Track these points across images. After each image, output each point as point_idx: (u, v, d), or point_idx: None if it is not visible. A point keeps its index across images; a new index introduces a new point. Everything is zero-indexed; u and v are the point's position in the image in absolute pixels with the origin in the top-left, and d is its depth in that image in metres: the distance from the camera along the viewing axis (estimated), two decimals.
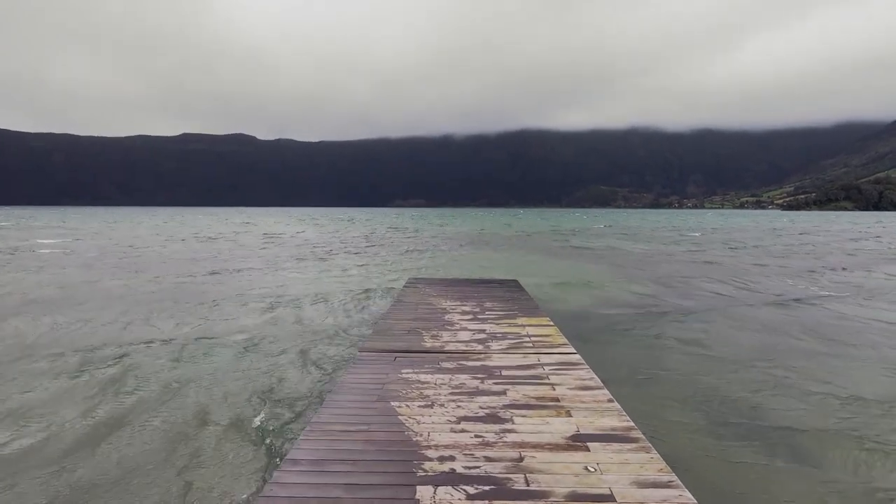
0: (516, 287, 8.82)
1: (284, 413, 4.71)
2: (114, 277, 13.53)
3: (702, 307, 9.97)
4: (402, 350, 4.70)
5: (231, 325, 8.26)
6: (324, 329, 8.03)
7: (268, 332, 7.83)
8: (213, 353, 6.72)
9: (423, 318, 6.16)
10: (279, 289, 11.84)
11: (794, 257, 20.20)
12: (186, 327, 8.10)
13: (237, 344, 7.15)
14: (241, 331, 7.89)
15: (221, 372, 5.90)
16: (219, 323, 8.45)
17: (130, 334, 7.65)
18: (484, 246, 25.54)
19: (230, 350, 6.87)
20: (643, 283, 12.97)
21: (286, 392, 5.26)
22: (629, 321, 8.69)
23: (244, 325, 8.29)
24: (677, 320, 8.79)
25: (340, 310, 9.55)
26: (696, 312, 9.43)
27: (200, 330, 7.94)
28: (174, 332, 7.82)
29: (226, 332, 7.78)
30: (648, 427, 4.12)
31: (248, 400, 5.02)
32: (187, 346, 6.97)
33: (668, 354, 6.77)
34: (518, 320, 6.03)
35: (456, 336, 5.26)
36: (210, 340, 7.33)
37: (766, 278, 14.16)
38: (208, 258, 18.57)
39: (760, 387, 5.51)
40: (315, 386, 5.45)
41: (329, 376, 5.75)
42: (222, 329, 8.01)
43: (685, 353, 6.86)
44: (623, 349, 6.99)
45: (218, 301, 10.32)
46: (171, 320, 8.58)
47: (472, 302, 7.24)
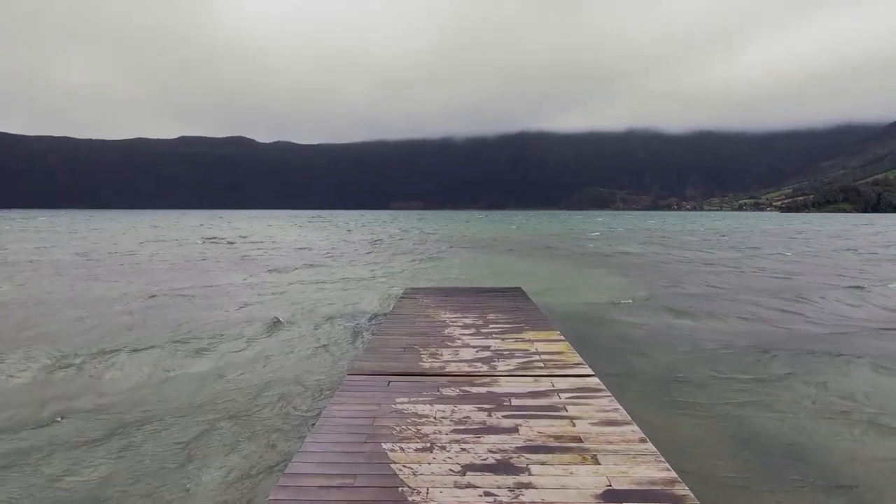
0: (521, 295, 8.28)
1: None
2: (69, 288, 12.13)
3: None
4: (397, 373, 4.16)
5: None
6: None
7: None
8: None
9: (421, 332, 5.62)
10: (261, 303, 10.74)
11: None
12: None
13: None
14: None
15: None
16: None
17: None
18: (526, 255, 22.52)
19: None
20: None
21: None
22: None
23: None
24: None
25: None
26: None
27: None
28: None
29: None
30: (697, 480, 3.34)
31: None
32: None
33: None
34: (525, 334, 5.49)
35: (458, 354, 4.71)
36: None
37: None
38: (188, 268, 16.43)
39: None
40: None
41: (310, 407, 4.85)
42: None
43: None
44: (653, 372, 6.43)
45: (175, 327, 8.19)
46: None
47: (473, 313, 6.70)
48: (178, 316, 9.03)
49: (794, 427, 4.48)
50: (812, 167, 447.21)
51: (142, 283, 13.09)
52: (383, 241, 31.26)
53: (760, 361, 6.45)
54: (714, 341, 7.49)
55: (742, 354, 6.79)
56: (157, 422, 4.57)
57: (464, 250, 24.68)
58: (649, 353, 6.78)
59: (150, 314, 9.26)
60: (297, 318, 8.98)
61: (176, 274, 14.99)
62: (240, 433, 4.31)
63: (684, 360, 6.51)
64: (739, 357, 6.67)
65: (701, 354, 6.81)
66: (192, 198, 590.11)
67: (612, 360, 6.38)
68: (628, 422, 3.18)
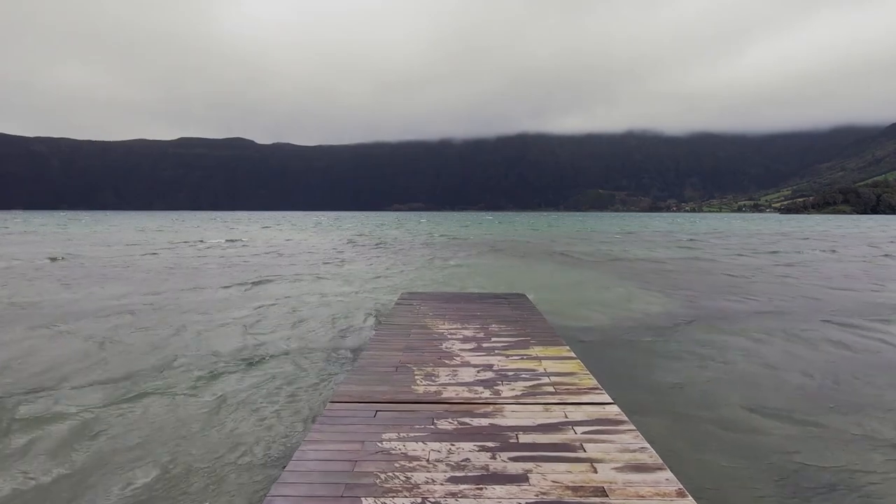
0: (525, 303, 7.75)
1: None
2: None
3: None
4: (387, 399, 3.62)
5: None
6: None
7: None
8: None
9: (416, 347, 5.09)
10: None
11: None
12: None
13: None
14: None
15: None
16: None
17: None
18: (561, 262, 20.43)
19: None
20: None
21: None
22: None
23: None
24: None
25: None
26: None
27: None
28: None
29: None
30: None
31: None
32: None
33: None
34: (532, 350, 4.96)
35: (456, 375, 4.18)
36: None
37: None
38: (165, 276, 14.64)
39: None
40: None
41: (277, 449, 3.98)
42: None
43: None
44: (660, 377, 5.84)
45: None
46: None
47: (474, 324, 6.16)
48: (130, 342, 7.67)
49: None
50: (811, 169, 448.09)
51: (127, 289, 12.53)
52: (402, 243, 30.51)
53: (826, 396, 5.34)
54: (764, 364, 6.49)
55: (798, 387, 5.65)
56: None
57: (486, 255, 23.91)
58: (676, 377, 6.00)
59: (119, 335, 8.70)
60: (283, 330, 8.44)
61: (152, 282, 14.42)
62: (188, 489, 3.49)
63: (720, 386, 5.68)
64: (789, 388, 5.62)
65: (747, 384, 5.75)
66: (192, 199, 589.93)
67: (633, 383, 5.69)
68: (660, 467, 2.65)
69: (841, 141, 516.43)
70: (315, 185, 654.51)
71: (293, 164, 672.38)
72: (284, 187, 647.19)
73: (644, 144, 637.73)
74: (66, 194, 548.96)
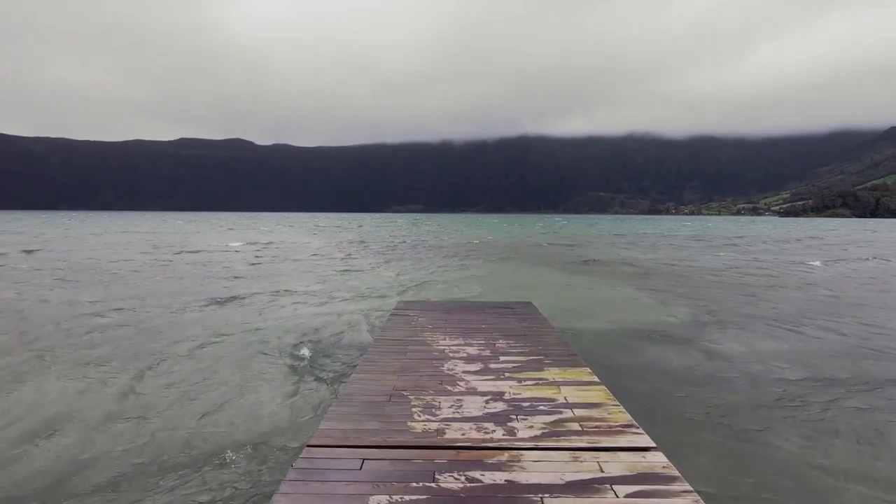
0: (532, 313, 7.07)
1: None
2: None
3: None
4: (377, 444, 2.94)
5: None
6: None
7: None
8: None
9: (413, 368, 4.41)
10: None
11: None
12: None
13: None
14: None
15: None
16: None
17: None
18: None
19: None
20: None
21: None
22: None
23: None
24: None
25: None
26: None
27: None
28: None
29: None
30: None
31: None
32: None
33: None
34: (547, 372, 4.28)
35: (461, 407, 3.50)
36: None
37: None
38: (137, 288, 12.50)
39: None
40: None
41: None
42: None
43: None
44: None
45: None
46: None
47: (479, 339, 5.49)
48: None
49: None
50: (810, 172, 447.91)
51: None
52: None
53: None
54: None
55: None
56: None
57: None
58: (731, 410, 5.03)
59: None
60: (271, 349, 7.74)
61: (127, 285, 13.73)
62: None
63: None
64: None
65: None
66: (191, 200, 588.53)
67: (682, 423, 4.73)
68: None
69: (840, 145, 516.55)
70: (314, 187, 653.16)
71: (292, 165, 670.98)
72: (284, 188, 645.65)
73: (644, 147, 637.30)
74: (65, 194, 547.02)
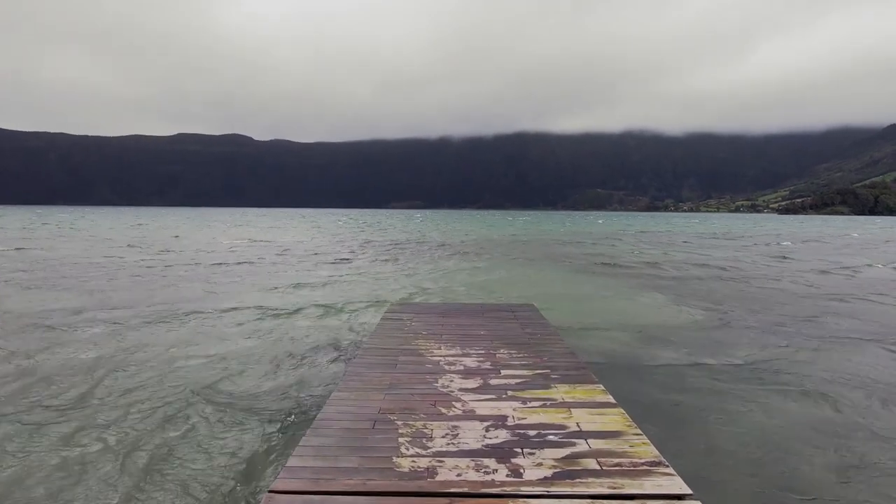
0: (535, 317, 6.54)
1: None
2: None
3: None
4: (356, 490, 2.42)
5: None
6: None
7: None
8: None
9: (403, 384, 3.89)
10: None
11: None
12: None
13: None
14: None
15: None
16: None
17: None
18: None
19: None
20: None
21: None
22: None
23: None
24: None
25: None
26: None
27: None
28: None
29: None
30: None
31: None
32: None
33: None
34: (555, 390, 3.77)
35: (457, 437, 2.98)
36: None
37: None
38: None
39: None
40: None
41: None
42: None
43: None
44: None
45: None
46: None
47: (478, 348, 4.97)
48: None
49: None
50: (808, 170, 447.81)
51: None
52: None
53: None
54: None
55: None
56: None
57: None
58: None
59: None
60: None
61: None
62: None
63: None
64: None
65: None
66: (189, 196, 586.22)
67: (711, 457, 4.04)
68: None
69: (838, 142, 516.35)
70: (313, 183, 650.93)
71: (291, 162, 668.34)
72: (282, 184, 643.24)
73: (643, 145, 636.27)
74: (62, 190, 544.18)
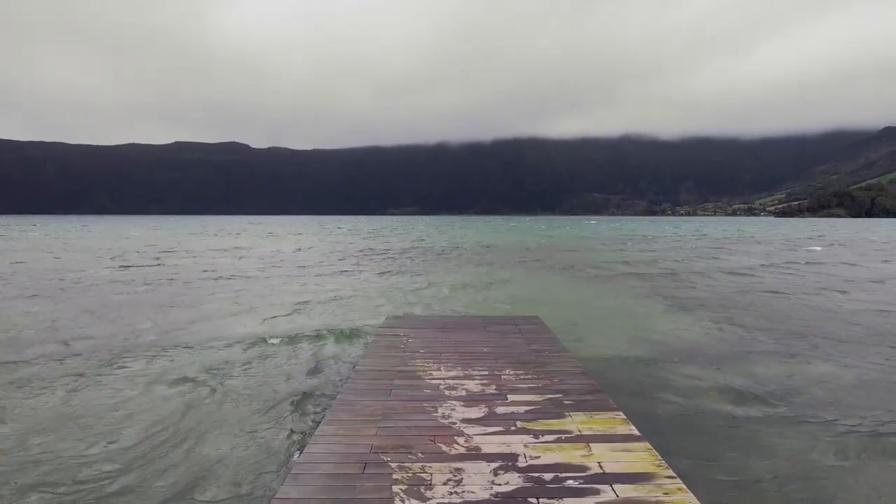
0: (540, 331, 6.12)
1: None
2: None
3: None
4: None
5: None
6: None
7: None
8: None
9: (398, 414, 3.46)
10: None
11: None
12: None
13: None
14: None
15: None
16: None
17: None
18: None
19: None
20: None
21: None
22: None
23: None
24: None
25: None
26: None
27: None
28: None
29: None
30: None
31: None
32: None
33: None
34: (570, 421, 3.34)
35: (460, 483, 2.55)
36: None
37: None
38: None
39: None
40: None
41: None
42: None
43: None
44: None
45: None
46: None
47: (481, 367, 4.54)
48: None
49: None
50: (805, 172, 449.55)
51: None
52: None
53: None
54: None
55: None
56: None
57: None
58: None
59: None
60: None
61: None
62: None
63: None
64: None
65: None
66: (187, 204, 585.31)
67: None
68: None
69: (834, 145, 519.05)
70: (311, 190, 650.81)
71: (289, 169, 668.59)
72: (280, 192, 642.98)
73: (640, 149, 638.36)
74: (60, 199, 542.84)
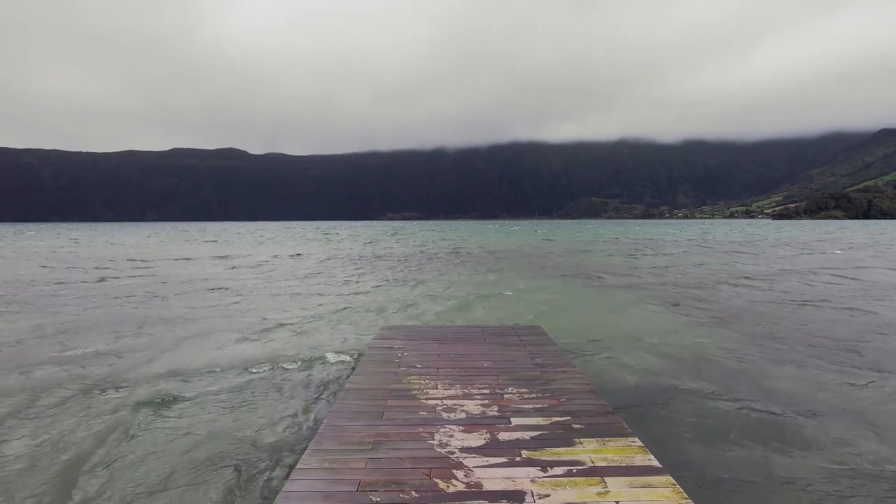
0: (544, 342, 5.78)
1: None
2: None
3: None
4: None
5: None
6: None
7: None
8: None
9: (391, 442, 3.12)
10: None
11: None
12: None
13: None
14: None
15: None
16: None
17: None
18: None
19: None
20: None
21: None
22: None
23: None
24: None
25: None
26: None
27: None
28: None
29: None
30: None
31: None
32: None
33: None
34: (581, 449, 3.01)
35: None
36: None
37: None
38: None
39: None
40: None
41: None
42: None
43: None
44: None
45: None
46: None
47: (482, 385, 4.21)
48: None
49: None
50: (801, 175, 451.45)
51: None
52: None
53: None
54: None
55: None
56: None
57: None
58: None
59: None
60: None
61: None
62: None
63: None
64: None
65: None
66: (185, 210, 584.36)
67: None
68: None
69: (831, 147, 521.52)
70: (308, 195, 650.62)
71: (286, 174, 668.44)
72: (277, 197, 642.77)
73: (636, 152, 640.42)
74: (56, 206, 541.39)
